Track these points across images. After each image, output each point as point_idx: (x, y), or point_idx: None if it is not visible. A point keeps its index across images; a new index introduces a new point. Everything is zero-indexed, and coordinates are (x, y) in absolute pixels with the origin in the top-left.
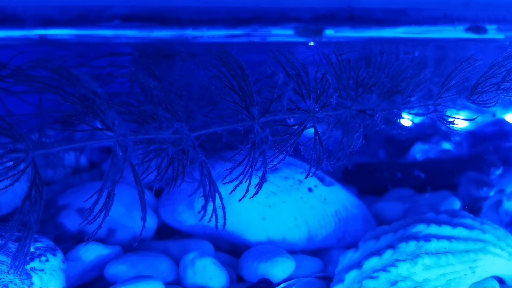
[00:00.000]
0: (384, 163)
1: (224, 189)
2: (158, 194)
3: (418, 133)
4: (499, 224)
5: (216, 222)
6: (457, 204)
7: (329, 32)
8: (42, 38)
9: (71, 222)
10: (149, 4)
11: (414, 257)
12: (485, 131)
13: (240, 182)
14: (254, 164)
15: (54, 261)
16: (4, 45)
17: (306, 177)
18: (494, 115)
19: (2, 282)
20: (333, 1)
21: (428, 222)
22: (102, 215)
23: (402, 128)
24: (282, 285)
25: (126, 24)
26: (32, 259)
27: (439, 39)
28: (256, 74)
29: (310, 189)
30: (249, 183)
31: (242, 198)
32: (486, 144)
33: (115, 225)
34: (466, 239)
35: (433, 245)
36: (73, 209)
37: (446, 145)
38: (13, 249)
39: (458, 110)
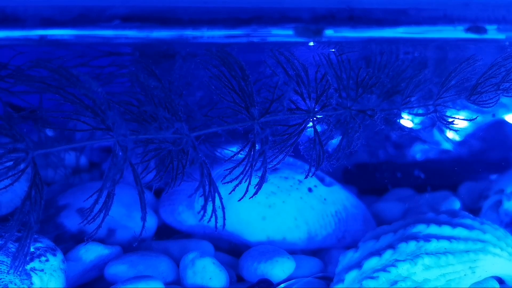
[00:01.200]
0: (384, 163)
1: (224, 189)
2: (158, 194)
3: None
4: (499, 224)
5: (216, 222)
6: (457, 204)
7: (329, 32)
8: (42, 38)
9: (71, 222)
10: (149, 4)
11: (414, 257)
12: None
13: (240, 182)
14: (253, 164)
15: (54, 261)
16: (4, 45)
17: (306, 177)
18: (494, 115)
19: (2, 282)
20: (333, 1)
21: (428, 222)
22: (102, 215)
23: (402, 128)
24: (282, 285)
25: (126, 24)
26: (32, 259)
27: (439, 39)
28: (255, 74)
29: (310, 189)
30: (249, 183)
31: (242, 198)
32: (486, 144)
33: (115, 225)
34: (466, 239)
35: (433, 245)
36: (73, 209)
37: (446, 145)
38: (13, 249)
39: (458, 110)
